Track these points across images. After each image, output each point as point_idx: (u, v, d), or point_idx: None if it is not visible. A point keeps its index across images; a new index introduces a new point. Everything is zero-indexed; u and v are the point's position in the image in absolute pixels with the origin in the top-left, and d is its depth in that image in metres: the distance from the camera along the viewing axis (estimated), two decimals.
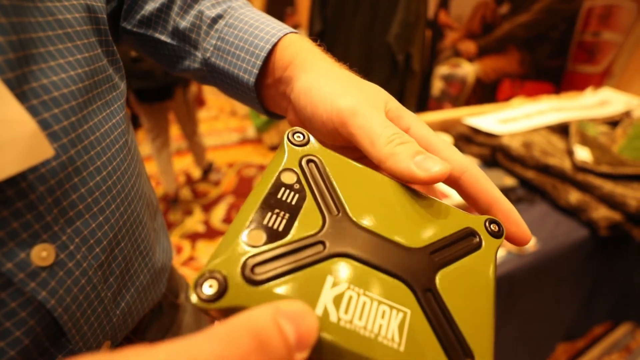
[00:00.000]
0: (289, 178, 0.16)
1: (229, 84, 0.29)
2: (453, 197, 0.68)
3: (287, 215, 0.15)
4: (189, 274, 1.34)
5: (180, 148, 2.37)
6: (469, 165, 0.19)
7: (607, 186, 0.69)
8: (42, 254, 0.18)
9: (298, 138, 0.18)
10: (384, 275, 0.15)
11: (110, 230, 0.22)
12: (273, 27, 0.26)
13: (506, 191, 0.77)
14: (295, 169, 0.17)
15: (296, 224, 0.15)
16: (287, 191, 0.16)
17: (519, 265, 0.62)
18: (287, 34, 0.26)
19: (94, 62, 0.22)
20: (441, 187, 0.75)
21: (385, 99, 0.21)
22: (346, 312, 0.13)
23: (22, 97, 0.17)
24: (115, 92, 0.25)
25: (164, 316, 0.37)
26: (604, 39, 1.44)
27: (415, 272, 0.15)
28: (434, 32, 1.81)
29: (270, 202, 0.15)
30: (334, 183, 0.17)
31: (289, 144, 0.18)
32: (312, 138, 0.18)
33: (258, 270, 0.13)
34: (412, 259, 0.16)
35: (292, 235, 0.14)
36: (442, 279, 0.16)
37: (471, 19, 1.81)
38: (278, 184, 0.16)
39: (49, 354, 0.20)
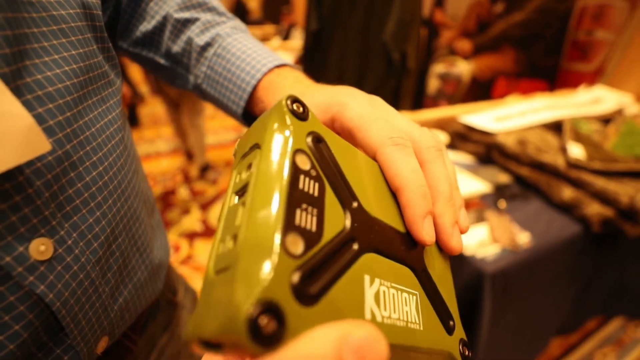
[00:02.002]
0: (303, 162, 0.13)
1: (221, 108, 0.31)
2: None
3: (315, 211, 0.12)
4: (187, 273, 1.34)
5: (176, 147, 2.36)
6: (382, 148, 0.17)
7: (600, 182, 0.70)
8: (40, 247, 0.18)
9: (298, 109, 0.14)
10: (397, 263, 0.15)
11: (108, 226, 0.23)
12: (258, 62, 0.27)
13: (501, 188, 0.78)
14: (306, 151, 0.13)
15: (325, 220, 0.13)
16: (307, 180, 0.13)
17: (514, 262, 0.62)
18: (271, 69, 0.27)
19: (89, 58, 0.22)
20: None
21: (327, 107, 0.20)
22: (385, 308, 0.13)
23: (16, 91, 0.17)
24: (111, 88, 0.25)
25: (162, 313, 0.37)
26: (597, 37, 1.45)
27: (413, 256, 0.16)
28: (430, 30, 1.82)
29: (296, 195, 0.12)
30: (341, 167, 0.15)
31: (292, 115, 0.14)
32: (311, 111, 0.15)
33: (308, 285, 0.11)
34: (408, 243, 0.16)
35: (325, 235, 0.12)
36: (426, 257, 0.17)
37: (466, 18, 1.82)
38: (296, 171, 0.12)
39: (47, 349, 0.20)
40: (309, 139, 0.14)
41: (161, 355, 0.36)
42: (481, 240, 0.64)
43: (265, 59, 0.28)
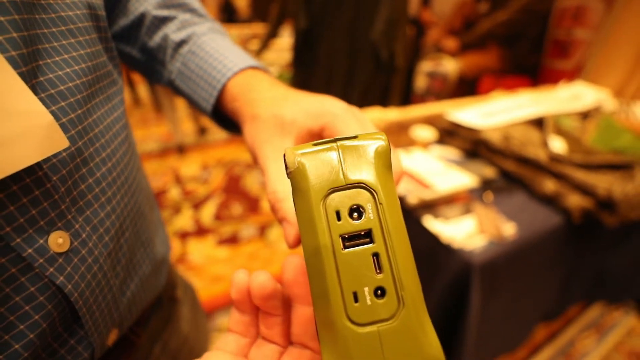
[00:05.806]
0: None
1: (193, 105, 0.31)
2: (434, 187, 0.71)
3: None
4: (181, 271, 1.33)
5: (167, 147, 2.33)
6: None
7: (580, 175, 0.73)
8: (58, 240, 0.19)
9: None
10: None
11: (117, 220, 0.23)
12: (231, 61, 0.27)
13: (488, 182, 0.81)
14: None
15: None
16: None
17: (500, 253, 0.65)
18: (243, 69, 0.27)
19: (95, 57, 0.23)
20: (424, 178, 0.77)
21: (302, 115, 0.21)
22: None
23: (32, 90, 0.18)
24: (115, 87, 0.26)
25: (164, 309, 0.37)
26: (576, 36, 1.51)
27: None
28: (417, 29, 1.85)
29: None
30: None
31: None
32: None
33: None
34: None
35: None
36: None
37: (453, 17, 1.86)
38: None
39: (62, 339, 0.21)
40: None
41: (164, 348, 0.37)
42: (468, 233, 0.67)
43: (238, 58, 0.28)
